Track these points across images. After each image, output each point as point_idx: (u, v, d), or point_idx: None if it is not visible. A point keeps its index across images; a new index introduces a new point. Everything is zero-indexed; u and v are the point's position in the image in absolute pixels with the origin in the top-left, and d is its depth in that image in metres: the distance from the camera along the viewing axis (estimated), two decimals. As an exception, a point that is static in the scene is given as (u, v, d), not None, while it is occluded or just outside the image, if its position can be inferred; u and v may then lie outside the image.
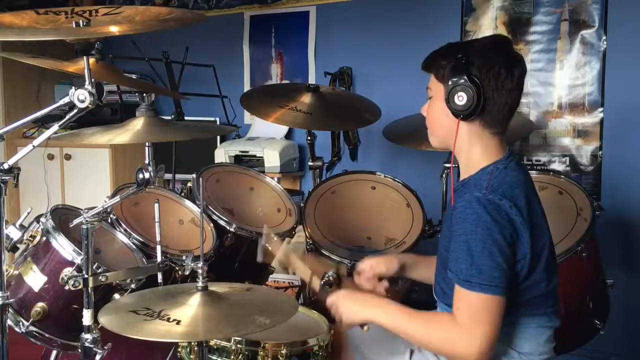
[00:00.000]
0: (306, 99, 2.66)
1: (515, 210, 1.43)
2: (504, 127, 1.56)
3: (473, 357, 1.39)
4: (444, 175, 2.64)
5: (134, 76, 3.82)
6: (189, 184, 2.39)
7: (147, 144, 2.20)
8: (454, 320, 1.43)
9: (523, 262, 1.45)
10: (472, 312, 1.41)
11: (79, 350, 1.56)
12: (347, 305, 1.62)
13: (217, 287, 1.50)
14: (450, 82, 1.50)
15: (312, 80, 3.79)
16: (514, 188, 1.47)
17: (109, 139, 2.07)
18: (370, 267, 1.85)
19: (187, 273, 1.80)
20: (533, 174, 2.41)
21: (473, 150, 1.55)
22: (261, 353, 1.70)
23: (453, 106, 1.50)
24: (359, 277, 1.87)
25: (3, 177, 1.51)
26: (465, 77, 1.47)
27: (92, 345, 1.54)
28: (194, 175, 2.39)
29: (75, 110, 1.46)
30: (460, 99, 1.48)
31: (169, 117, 3.14)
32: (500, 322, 1.41)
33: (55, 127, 1.50)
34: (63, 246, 1.79)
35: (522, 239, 1.44)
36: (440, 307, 1.66)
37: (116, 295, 1.78)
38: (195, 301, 1.41)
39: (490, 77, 1.48)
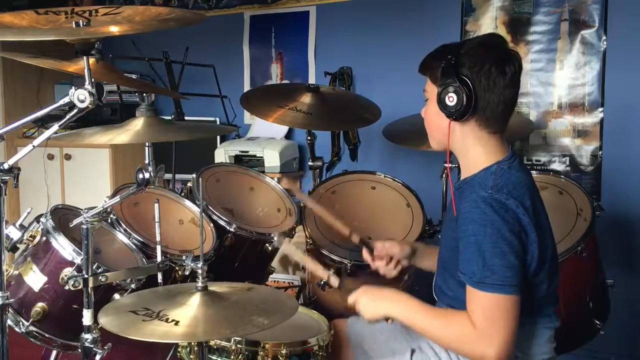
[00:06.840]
0: (306, 99, 2.66)
1: (522, 210, 1.43)
2: (502, 126, 1.55)
3: (492, 359, 1.38)
4: (444, 175, 2.65)
5: (134, 76, 3.82)
6: (189, 184, 2.38)
7: (147, 144, 2.20)
8: (472, 321, 1.41)
9: (531, 261, 1.45)
10: (487, 313, 1.39)
11: (79, 350, 1.56)
12: (367, 302, 1.63)
13: (217, 287, 1.49)
14: (441, 84, 1.50)
15: (312, 80, 3.79)
16: (518, 188, 1.47)
17: (109, 139, 2.08)
18: (383, 247, 1.87)
19: (187, 273, 1.80)
20: (533, 174, 2.40)
21: (473, 151, 1.55)
22: (261, 353, 1.70)
23: (444, 107, 1.50)
24: (370, 257, 1.88)
25: (3, 177, 1.50)
26: (455, 77, 1.47)
27: (92, 345, 1.54)
28: (194, 175, 2.39)
29: (75, 110, 1.46)
30: (451, 99, 1.48)
31: (169, 117, 3.14)
32: (517, 322, 1.40)
33: (55, 127, 1.49)
34: (63, 246, 1.78)
35: (530, 238, 1.44)
36: (440, 306, 1.66)
37: (116, 296, 1.78)
38: (194, 301, 1.41)
39: (481, 76, 1.48)
